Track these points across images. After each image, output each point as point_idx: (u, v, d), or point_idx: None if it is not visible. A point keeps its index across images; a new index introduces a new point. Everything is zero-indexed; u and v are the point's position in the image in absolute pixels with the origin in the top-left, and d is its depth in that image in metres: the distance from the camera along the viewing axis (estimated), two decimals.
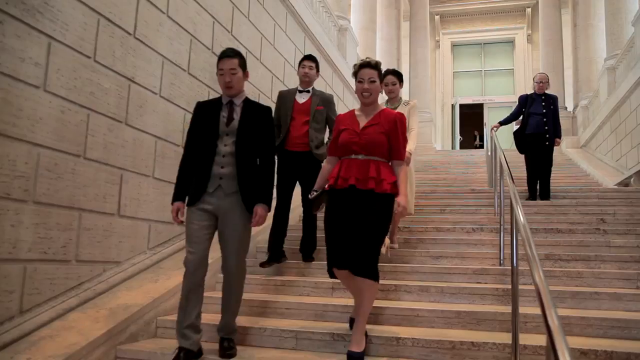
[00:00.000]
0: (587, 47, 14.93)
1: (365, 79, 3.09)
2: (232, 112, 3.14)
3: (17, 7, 2.92)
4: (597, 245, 4.85)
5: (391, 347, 3.08)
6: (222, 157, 3.06)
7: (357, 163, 3.02)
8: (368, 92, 3.08)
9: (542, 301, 1.75)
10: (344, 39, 10.66)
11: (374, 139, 3.03)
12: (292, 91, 4.72)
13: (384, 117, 3.09)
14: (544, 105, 7.08)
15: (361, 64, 3.10)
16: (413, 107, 4.94)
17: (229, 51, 3.11)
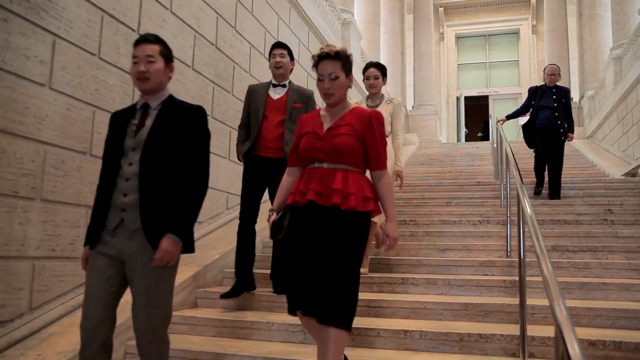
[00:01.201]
0: (593, 37, 14.84)
1: (325, 75, 2.35)
2: (144, 118, 2.30)
3: (22, 5, 2.93)
4: (604, 236, 4.83)
5: (399, 339, 3.09)
6: (125, 181, 2.20)
7: (320, 173, 2.34)
8: (330, 92, 2.36)
9: (550, 292, 1.74)
10: (347, 32, 10.63)
11: (342, 142, 2.33)
12: (265, 85, 3.93)
13: (356, 117, 2.40)
14: (555, 98, 6.64)
15: (319, 56, 2.37)
16: (397, 106, 4.35)
17: (149, 35, 2.38)
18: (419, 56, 17.33)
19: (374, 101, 4.38)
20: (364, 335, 3.13)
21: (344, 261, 2.24)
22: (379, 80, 4.32)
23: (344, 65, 2.36)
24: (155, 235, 2.17)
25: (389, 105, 4.32)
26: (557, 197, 6.44)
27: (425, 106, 17.10)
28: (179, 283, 3.71)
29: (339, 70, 2.35)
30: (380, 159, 2.40)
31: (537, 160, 6.75)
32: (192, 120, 2.31)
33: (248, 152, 3.78)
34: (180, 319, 3.49)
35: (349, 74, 2.40)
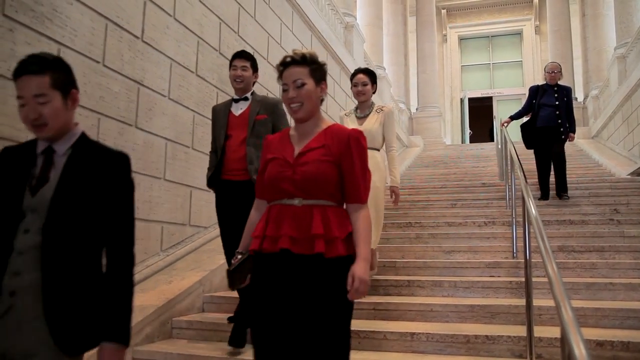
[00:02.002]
0: (597, 36, 14.80)
1: (289, 83, 1.90)
2: (47, 169, 1.65)
3: (27, 14, 2.96)
4: (611, 236, 4.82)
5: (405, 342, 3.08)
6: (18, 256, 1.57)
7: (292, 212, 1.85)
8: (297, 101, 1.90)
9: (556, 293, 1.75)
10: (350, 35, 10.65)
11: (315, 171, 1.85)
12: (227, 103, 3.49)
13: (332, 137, 1.92)
14: (557, 96, 6.42)
15: (282, 62, 1.94)
16: (389, 115, 3.99)
17: (32, 62, 1.61)
18: (422, 58, 17.33)
19: (363, 110, 4.06)
20: (371, 338, 3.13)
21: (335, 325, 1.78)
22: (367, 87, 4.00)
23: (313, 72, 1.91)
24: (61, 327, 1.55)
25: (379, 114, 3.99)
26: (564, 193, 6.22)
27: (429, 108, 17.09)
28: (186, 288, 3.73)
29: (307, 77, 1.89)
30: (359, 192, 1.88)
31: (539, 165, 6.50)
32: (113, 172, 1.70)
33: (214, 178, 3.34)
34: (187, 324, 3.50)
35: (320, 83, 1.93)
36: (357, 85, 4.02)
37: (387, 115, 3.99)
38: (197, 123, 4.66)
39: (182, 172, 4.42)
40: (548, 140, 6.37)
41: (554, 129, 6.34)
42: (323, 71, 1.97)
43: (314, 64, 1.93)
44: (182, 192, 4.41)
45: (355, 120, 4.02)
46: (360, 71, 4.11)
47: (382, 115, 3.97)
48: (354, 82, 4.04)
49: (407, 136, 15.54)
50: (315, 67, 1.93)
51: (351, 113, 4.14)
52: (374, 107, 4.05)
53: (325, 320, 1.76)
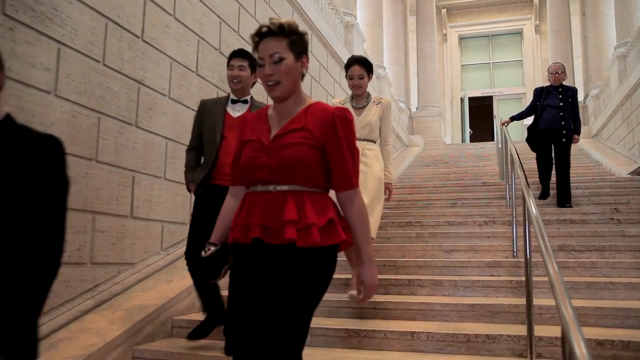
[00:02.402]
0: (597, 36, 14.80)
1: (265, 57, 1.70)
2: None
3: (27, 14, 2.96)
4: (611, 235, 4.82)
5: (406, 341, 3.08)
6: None
7: (265, 200, 1.68)
8: (273, 79, 1.70)
9: (556, 292, 1.75)
10: (350, 35, 10.64)
11: (293, 155, 1.66)
12: (222, 100, 3.31)
13: (313, 117, 1.73)
14: (561, 97, 6.24)
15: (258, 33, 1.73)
16: (387, 107, 3.85)
17: None
18: (422, 58, 17.33)
19: (360, 102, 3.87)
20: (371, 337, 3.13)
21: (293, 317, 1.60)
22: (364, 80, 3.79)
23: (292, 44, 1.70)
24: None
25: (377, 107, 3.82)
26: (568, 205, 5.97)
27: (429, 107, 17.09)
28: (186, 287, 3.73)
29: (285, 50, 1.68)
30: (348, 175, 1.70)
31: (539, 165, 6.40)
32: (40, 158, 1.47)
33: (204, 181, 3.13)
34: (187, 324, 3.50)
35: (300, 56, 1.74)
36: (353, 78, 3.79)
37: (386, 107, 3.85)
38: None
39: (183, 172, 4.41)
40: (550, 143, 6.24)
41: (556, 131, 6.17)
42: (304, 43, 1.77)
43: (294, 35, 1.71)
44: (182, 191, 4.40)
45: (352, 110, 3.79)
46: (355, 61, 3.80)
47: (380, 108, 3.83)
48: (349, 75, 3.80)
49: (407, 135, 15.54)
50: (295, 39, 1.72)
51: (346, 102, 3.91)
52: (370, 97, 3.88)
53: (282, 313, 1.59)
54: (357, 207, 1.72)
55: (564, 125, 6.15)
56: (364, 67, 3.78)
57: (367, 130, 3.76)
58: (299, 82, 1.78)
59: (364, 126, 3.74)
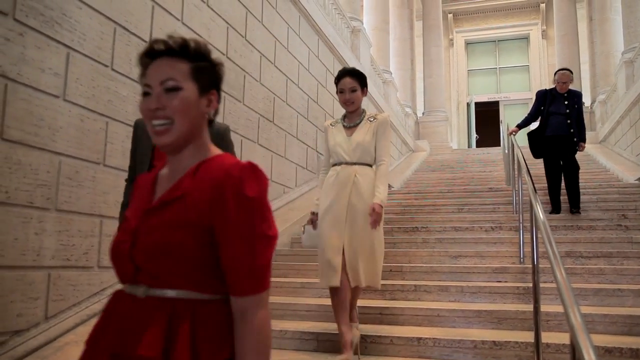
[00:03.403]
0: (604, 41, 14.75)
1: (154, 84, 1.14)
2: None
3: (37, 19, 2.98)
4: (618, 242, 4.79)
5: (412, 347, 3.07)
6: None
7: (128, 310, 1.08)
8: (162, 117, 1.13)
9: (565, 299, 1.74)
10: (357, 40, 10.66)
11: (162, 243, 1.07)
12: None
13: (203, 180, 1.11)
14: (567, 103, 5.97)
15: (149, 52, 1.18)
16: (383, 125, 3.26)
17: None
18: (428, 63, 17.32)
19: (352, 120, 3.30)
20: (377, 343, 3.12)
21: None
22: (356, 94, 3.23)
23: (196, 72, 1.16)
24: None
25: (372, 124, 3.25)
26: (577, 210, 5.80)
27: (435, 112, 17.07)
28: None
29: (185, 78, 1.14)
30: (241, 274, 1.05)
31: (549, 176, 6.05)
32: None
33: None
34: None
35: (208, 91, 1.18)
36: (344, 91, 3.24)
37: (381, 124, 3.25)
38: None
39: None
40: (559, 150, 5.95)
41: (565, 138, 5.92)
42: (216, 74, 1.21)
43: (200, 60, 1.17)
44: None
45: (343, 130, 3.29)
46: (347, 73, 3.27)
47: (375, 125, 3.24)
48: (339, 88, 3.26)
49: (413, 140, 15.53)
50: (202, 66, 1.17)
51: (337, 123, 3.38)
52: (365, 115, 3.31)
53: None
54: (255, 328, 1.05)
55: (572, 133, 5.91)
56: (357, 79, 3.25)
57: (360, 152, 3.20)
58: (203, 128, 1.19)
59: (356, 147, 3.20)
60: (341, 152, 3.21)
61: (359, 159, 3.21)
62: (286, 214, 5.96)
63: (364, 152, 3.20)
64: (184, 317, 1.03)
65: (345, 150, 3.20)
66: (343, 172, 3.16)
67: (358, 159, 3.20)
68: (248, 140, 5.48)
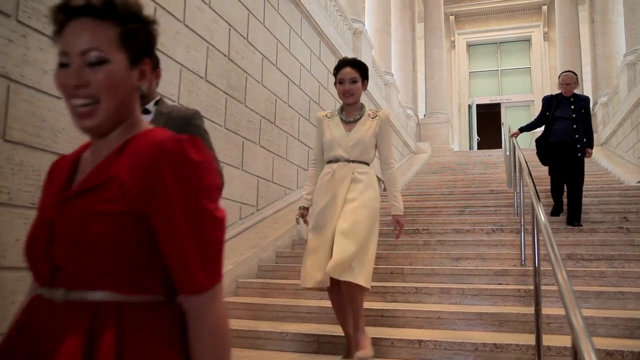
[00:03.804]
0: (606, 43, 14.74)
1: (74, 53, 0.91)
2: None
3: (39, 20, 2.99)
4: (620, 244, 4.78)
5: (413, 349, 3.07)
6: None
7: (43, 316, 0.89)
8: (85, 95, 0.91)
9: (566, 301, 1.74)
10: (358, 41, 10.67)
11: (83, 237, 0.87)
12: None
13: (130, 159, 0.91)
14: (574, 108, 5.79)
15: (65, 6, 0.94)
16: (385, 123, 3.06)
17: None
18: (430, 64, 17.33)
19: (351, 114, 3.08)
20: (378, 345, 3.12)
21: None
22: (356, 85, 3.03)
23: (126, 36, 0.94)
24: None
25: (373, 121, 3.03)
26: (577, 223, 5.53)
27: (437, 114, 17.07)
28: None
29: (109, 44, 0.93)
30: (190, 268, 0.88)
31: (552, 180, 5.92)
32: None
33: None
34: None
35: (140, 60, 0.98)
36: (344, 82, 3.02)
37: (383, 122, 3.05)
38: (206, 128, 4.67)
39: None
40: (563, 157, 5.75)
41: (570, 144, 5.71)
42: (148, 38, 0.99)
43: (131, 21, 0.95)
44: None
45: (341, 124, 3.06)
46: (347, 63, 3.06)
47: (376, 122, 3.03)
48: (338, 78, 3.05)
49: (414, 142, 15.53)
50: (131, 30, 0.95)
51: (334, 115, 3.13)
52: (364, 110, 3.10)
53: None
54: (211, 327, 0.89)
55: (577, 139, 5.70)
56: (357, 69, 3.04)
57: (360, 149, 3.00)
58: (134, 106, 1.00)
59: (356, 144, 3.00)
60: (338, 149, 2.99)
61: (357, 157, 3.00)
62: (287, 216, 5.95)
63: (363, 150, 3.01)
64: (109, 325, 0.84)
65: (343, 147, 2.99)
66: (340, 170, 2.96)
67: (357, 156, 3.00)
68: (249, 141, 5.48)
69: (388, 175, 3.09)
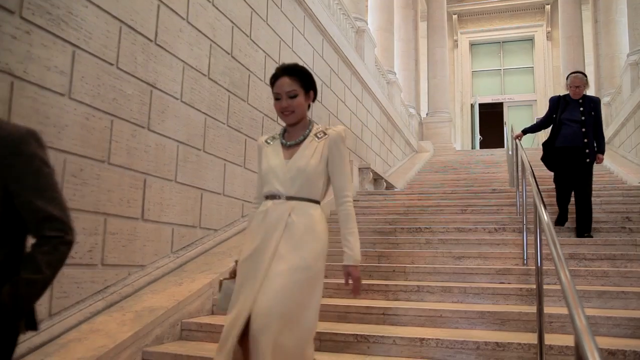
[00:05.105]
0: (609, 43, 14.72)
1: None
2: None
3: (43, 17, 2.99)
4: (622, 244, 4.77)
5: (415, 347, 3.07)
6: None
7: None
8: None
9: (569, 300, 1.73)
10: (361, 40, 10.66)
11: None
12: None
13: None
14: (583, 110, 5.32)
15: None
16: (336, 141, 2.29)
17: None
18: (432, 63, 17.32)
19: (294, 136, 2.35)
20: (380, 344, 3.12)
21: None
22: (297, 101, 2.28)
23: None
24: None
25: (320, 142, 2.30)
26: (587, 234, 5.12)
27: (439, 113, 17.07)
28: (196, 290, 3.74)
29: None
30: None
31: (558, 188, 5.50)
32: None
33: None
34: (197, 326, 3.51)
35: None
36: (280, 97, 2.29)
37: (335, 142, 2.29)
38: (209, 126, 4.68)
39: (193, 175, 4.44)
40: (570, 163, 5.33)
41: (578, 149, 5.28)
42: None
43: None
44: (193, 194, 4.43)
45: (281, 151, 2.34)
46: (283, 71, 2.31)
47: (324, 143, 2.29)
48: (274, 93, 2.31)
49: (417, 141, 15.53)
50: None
51: (275, 139, 2.42)
52: (311, 129, 2.35)
53: None
54: None
55: (586, 143, 5.25)
56: (298, 79, 2.29)
57: (300, 182, 2.25)
58: None
59: (295, 176, 2.25)
60: (274, 182, 2.26)
61: (297, 192, 2.25)
62: None
63: (306, 182, 2.25)
64: None
65: (281, 179, 2.25)
66: (274, 210, 2.22)
67: (297, 192, 2.25)
68: (252, 139, 5.48)
69: (342, 211, 2.30)
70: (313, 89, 2.37)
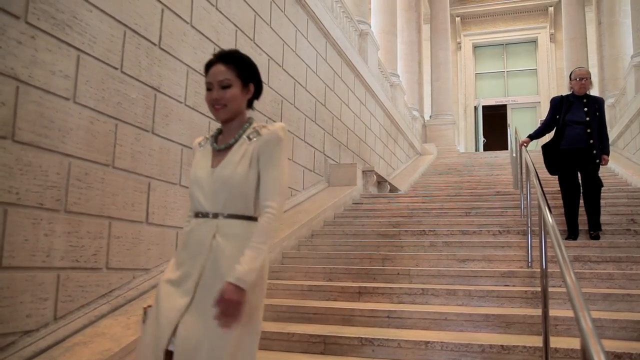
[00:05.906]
0: (613, 45, 14.69)
1: None
2: None
3: (48, 22, 3.00)
4: (627, 247, 4.75)
5: (420, 351, 3.07)
6: None
7: None
8: None
9: (575, 303, 1.73)
10: (364, 43, 10.67)
11: None
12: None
13: None
14: (587, 110, 5.15)
15: None
16: (270, 144, 1.84)
17: None
18: (436, 66, 17.32)
19: (227, 138, 1.95)
20: (385, 347, 3.12)
21: None
22: (230, 92, 1.90)
23: None
24: None
25: (251, 144, 1.86)
26: (596, 233, 5.03)
27: (442, 116, 17.06)
28: None
29: None
30: None
31: (565, 196, 5.24)
32: None
33: None
34: None
35: None
36: (212, 87, 1.92)
37: (267, 143, 1.85)
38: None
39: None
40: (576, 166, 5.16)
41: (584, 151, 5.12)
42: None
43: None
44: None
45: (210, 156, 1.94)
46: (219, 58, 1.96)
47: (255, 146, 1.85)
48: (206, 82, 1.96)
49: (420, 143, 15.52)
50: None
51: (207, 141, 2.04)
52: (247, 128, 1.93)
53: None
54: None
55: (592, 144, 5.10)
56: (233, 67, 1.94)
57: (225, 195, 1.83)
58: None
59: (220, 188, 1.83)
60: (198, 195, 1.86)
61: (224, 208, 1.83)
62: (294, 217, 5.96)
63: (232, 194, 1.82)
64: None
65: (205, 192, 1.85)
66: (198, 230, 1.84)
67: (223, 207, 1.83)
68: None
69: (261, 222, 1.79)
70: (254, 81, 1.99)
